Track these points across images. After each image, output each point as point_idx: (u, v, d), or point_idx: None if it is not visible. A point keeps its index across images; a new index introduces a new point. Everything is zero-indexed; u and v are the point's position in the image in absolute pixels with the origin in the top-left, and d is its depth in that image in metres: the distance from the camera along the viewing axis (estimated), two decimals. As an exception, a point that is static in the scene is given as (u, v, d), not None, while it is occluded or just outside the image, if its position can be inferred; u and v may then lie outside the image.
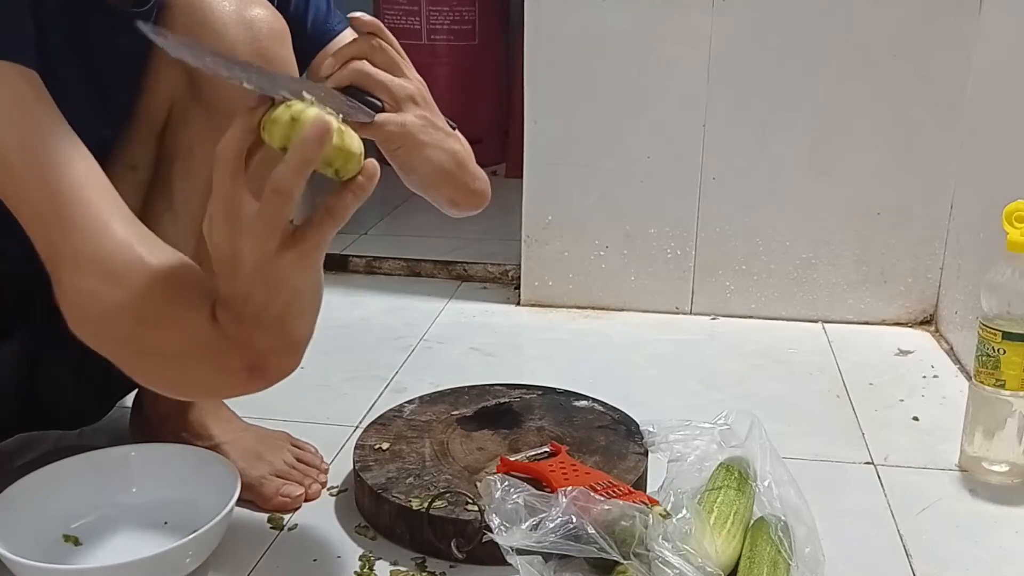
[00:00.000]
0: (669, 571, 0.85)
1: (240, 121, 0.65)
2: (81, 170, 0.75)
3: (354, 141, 0.66)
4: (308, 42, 1.04)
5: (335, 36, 1.05)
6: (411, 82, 0.92)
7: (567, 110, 1.61)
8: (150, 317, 0.73)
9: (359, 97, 0.89)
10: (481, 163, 1.05)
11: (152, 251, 0.73)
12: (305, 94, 0.65)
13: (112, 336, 0.74)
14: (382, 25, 0.91)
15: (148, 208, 0.96)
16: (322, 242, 0.68)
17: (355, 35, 1.03)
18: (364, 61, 0.90)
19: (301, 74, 1.00)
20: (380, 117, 0.89)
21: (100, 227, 0.73)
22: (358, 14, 0.91)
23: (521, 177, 1.67)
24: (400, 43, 0.95)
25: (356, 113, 0.85)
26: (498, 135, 2.49)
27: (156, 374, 0.78)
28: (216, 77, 0.65)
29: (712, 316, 1.67)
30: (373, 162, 0.67)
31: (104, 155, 0.79)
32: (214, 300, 0.72)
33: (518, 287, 1.74)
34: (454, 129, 1.00)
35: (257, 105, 0.64)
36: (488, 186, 1.04)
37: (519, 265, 1.72)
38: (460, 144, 0.99)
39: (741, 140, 1.59)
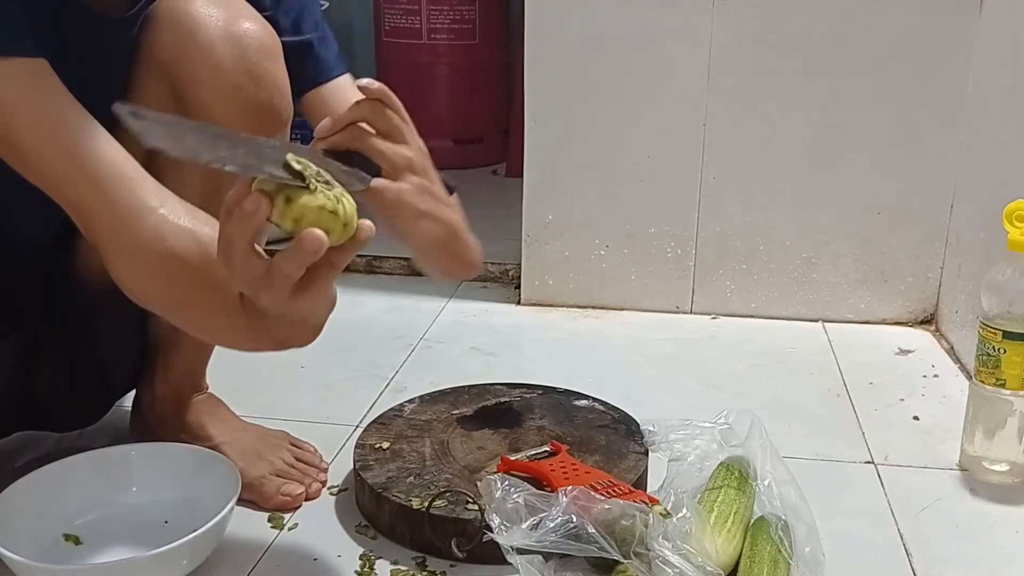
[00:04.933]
0: (669, 570, 0.85)
1: (244, 217, 0.68)
2: (106, 158, 0.78)
3: (350, 209, 0.71)
4: (305, 75, 1.01)
5: (334, 79, 1.03)
6: (411, 149, 0.88)
7: (567, 110, 1.61)
8: (186, 301, 0.80)
9: (357, 162, 0.85)
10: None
11: (180, 238, 0.78)
12: (300, 168, 0.69)
13: (155, 309, 0.84)
14: (389, 92, 0.87)
15: None
16: (328, 284, 0.74)
17: (351, 83, 1.02)
18: (364, 125, 0.86)
19: (295, 96, 0.99)
20: (376, 184, 0.85)
21: (131, 221, 0.78)
22: (366, 81, 0.86)
23: (521, 177, 1.67)
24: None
25: (350, 180, 0.82)
26: (498, 135, 2.49)
27: (198, 335, 0.90)
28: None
29: (712, 315, 1.67)
30: (368, 225, 0.72)
31: None
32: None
33: (518, 286, 1.74)
34: (453, 192, 0.96)
35: (256, 210, 0.67)
36: (480, 256, 1.00)
37: (519, 264, 1.72)
38: (456, 213, 0.96)
39: (741, 140, 1.59)
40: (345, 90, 1.03)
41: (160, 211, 0.78)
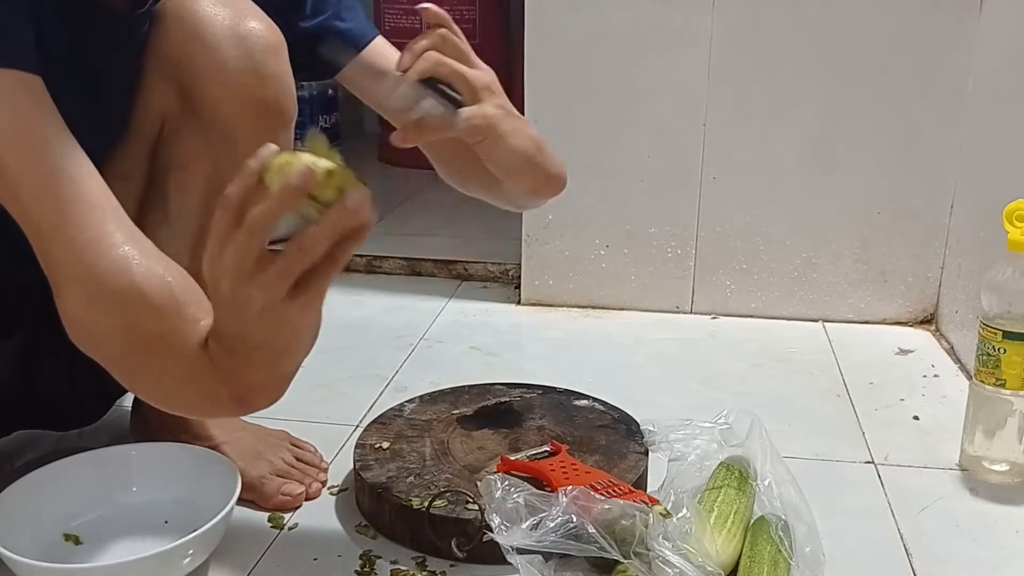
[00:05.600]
0: (669, 570, 0.85)
1: (290, 192, 0.64)
2: (80, 187, 0.75)
3: (350, 180, 0.66)
4: (341, 47, 1.01)
5: (368, 43, 1.03)
6: (484, 71, 0.90)
7: (567, 110, 1.61)
8: (140, 343, 0.75)
9: (439, 90, 0.88)
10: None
11: (148, 276, 0.74)
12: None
13: (103, 355, 0.76)
14: (448, 17, 0.89)
15: (142, 221, 0.94)
16: (326, 288, 0.69)
17: (386, 43, 1.03)
18: (437, 52, 0.87)
19: (333, 73, 0.99)
20: (466, 112, 0.87)
21: (96, 250, 0.74)
22: (427, 5, 0.89)
23: (521, 176, 1.67)
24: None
25: (450, 113, 0.83)
26: (498, 135, 2.48)
27: (145, 391, 0.80)
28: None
29: (712, 315, 1.67)
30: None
31: (97, 164, 0.79)
32: (208, 328, 0.73)
33: (518, 286, 1.74)
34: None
35: (305, 185, 0.63)
36: (565, 171, 1.01)
37: (519, 264, 1.72)
38: (534, 130, 0.97)
39: (741, 140, 1.59)
40: (383, 52, 1.04)
41: (126, 247, 0.75)
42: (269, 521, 1.04)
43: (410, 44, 0.88)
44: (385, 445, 1.10)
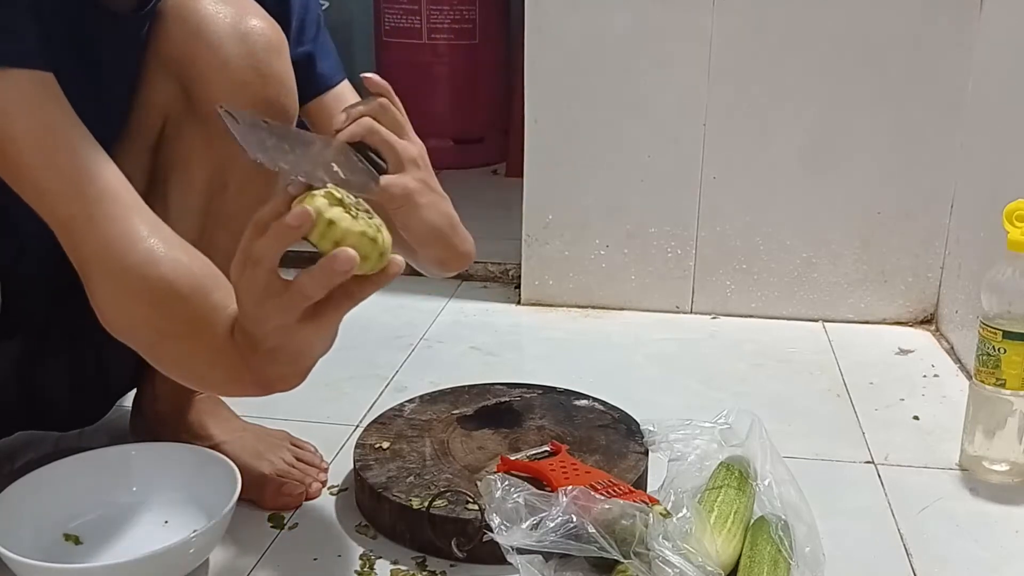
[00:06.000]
0: (669, 570, 0.85)
1: (285, 231, 0.68)
2: (103, 180, 0.78)
3: (387, 241, 0.71)
4: (308, 85, 1.03)
5: (333, 87, 1.05)
6: (413, 144, 0.93)
7: (567, 110, 1.61)
8: (170, 330, 0.78)
9: (365, 155, 0.89)
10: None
11: (175, 267, 0.77)
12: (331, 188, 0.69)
13: (135, 341, 0.80)
14: (390, 88, 0.92)
15: None
16: (339, 318, 0.73)
17: (350, 88, 1.06)
18: (372, 120, 0.89)
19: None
20: (385, 180, 0.89)
21: (125, 244, 0.77)
22: (371, 75, 0.91)
23: (521, 177, 1.67)
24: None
25: (367, 180, 0.85)
26: (498, 135, 2.49)
27: (174, 372, 0.83)
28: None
29: (712, 315, 1.67)
30: (399, 261, 0.72)
31: None
32: (234, 317, 0.76)
33: (518, 286, 1.74)
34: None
35: (300, 225, 0.67)
36: (473, 248, 1.04)
37: (519, 264, 1.72)
38: (451, 207, 1.00)
39: (741, 140, 1.59)
40: (345, 97, 1.05)
41: (151, 239, 0.77)
42: (269, 521, 1.04)
43: (347, 107, 0.91)
44: (385, 445, 1.10)
